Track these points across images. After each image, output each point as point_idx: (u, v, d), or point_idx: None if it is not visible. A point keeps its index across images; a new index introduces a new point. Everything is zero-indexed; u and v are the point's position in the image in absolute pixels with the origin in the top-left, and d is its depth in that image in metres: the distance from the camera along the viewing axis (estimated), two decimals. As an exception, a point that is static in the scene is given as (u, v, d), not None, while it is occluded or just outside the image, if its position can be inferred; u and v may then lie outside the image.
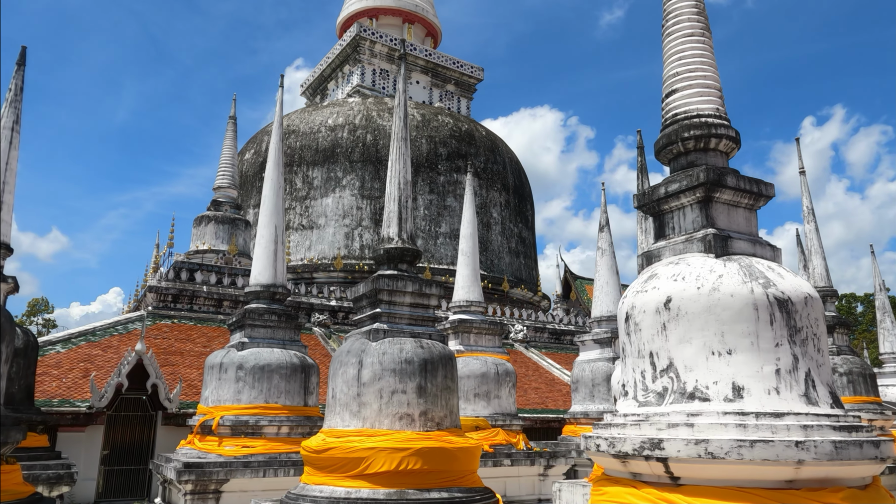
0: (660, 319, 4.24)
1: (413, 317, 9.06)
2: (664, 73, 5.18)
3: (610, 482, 4.29)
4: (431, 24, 40.25)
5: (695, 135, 4.75)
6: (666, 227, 4.85)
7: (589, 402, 15.55)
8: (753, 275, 4.15)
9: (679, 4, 5.16)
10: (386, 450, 7.92)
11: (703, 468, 3.71)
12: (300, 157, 31.47)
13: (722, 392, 3.94)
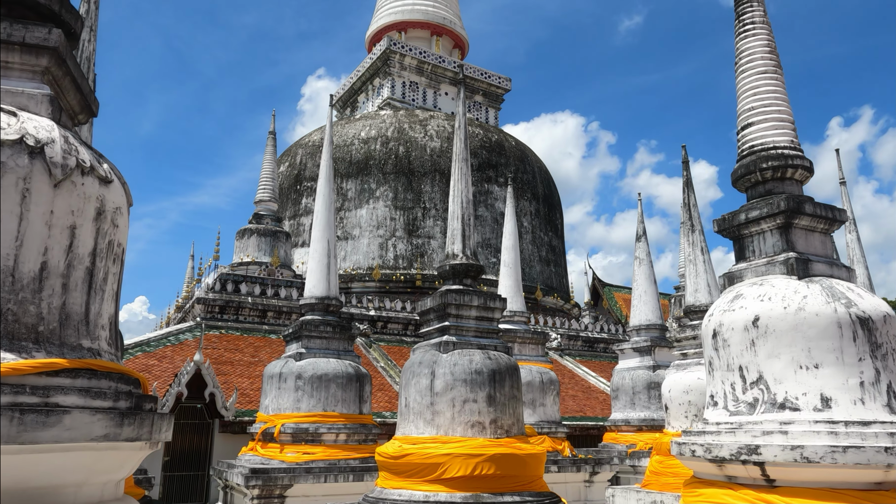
0: (748, 336, 4.68)
1: (479, 329, 9.57)
2: (739, 107, 5.63)
3: (704, 485, 4.72)
4: (459, 37, 40.89)
5: (772, 165, 5.19)
6: (746, 249, 5.30)
7: (630, 409, 15.92)
8: (835, 295, 4.58)
9: (752, 43, 5.61)
10: (461, 456, 8.41)
11: (798, 471, 4.14)
12: (334, 170, 32.13)
13: (811, 402, 4.37)
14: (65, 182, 2.55)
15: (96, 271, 2.67)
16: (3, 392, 2.11)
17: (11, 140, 2.44)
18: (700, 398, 10.81)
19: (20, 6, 2.91)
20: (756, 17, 5.66)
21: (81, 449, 2.26)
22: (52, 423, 2.12)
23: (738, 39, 5.76)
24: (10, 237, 2.39)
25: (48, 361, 2.27)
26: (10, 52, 2.76)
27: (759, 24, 5.65)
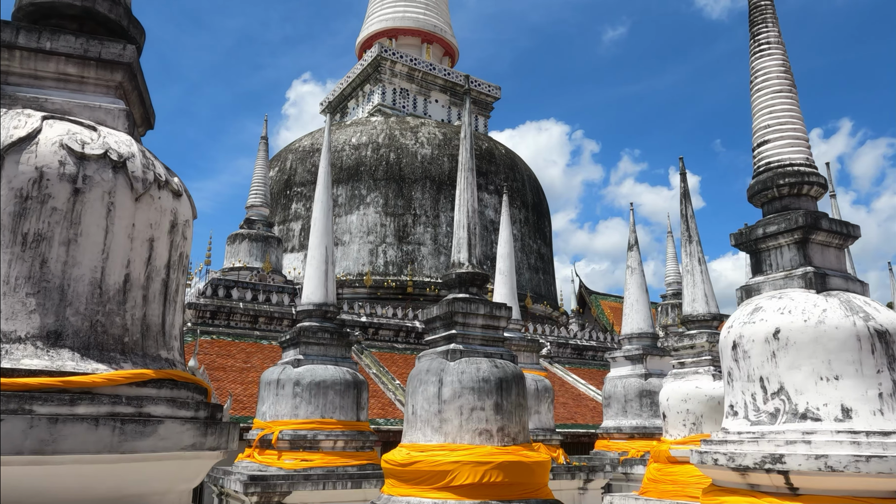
0: (769, 348, 4.83)
1: (485, 337, 9.66)
2: (755, 125, 5.79)
3: (725, 492, 4.85)
4: (449, 44, 41.10)
5: (789, 182, 5.36)
6: (763, 263, 5.45)
7: (622, 417, 16.05)
8: (853, 309, 4.74)
9: (768, 62, 5.78)
10: (470, 463, 8.49)
11: (821, 480, 4.28)
12: (324, 175, 32.14)
13: (832, 413, 4.52)
14: (144, 196, 2.62)
15: (170, 283, 2.73)
16: (102, 402, 2.17)
17: (96, 155, 2.50)
18: (698, 407, 10.96)
19: (91, 22, 2.97)
20: (771, 38, 5.84)
21: (171, 458, 2.31)
22: (149, 433, 2.18)
23: (753, 58, 5.93)
24: (96, 250, 2.44)
25: (137, 372, 2.32)
26: (86, 67, 2.82)
27: (773, 44, 5.83)
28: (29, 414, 2.00)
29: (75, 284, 2.36)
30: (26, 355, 2.18)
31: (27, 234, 2.32)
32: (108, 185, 2.50)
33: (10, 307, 2.23)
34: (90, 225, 2.43)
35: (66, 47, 2.77)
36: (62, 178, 2.40)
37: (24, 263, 2.29)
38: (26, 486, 2.03)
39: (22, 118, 2.48)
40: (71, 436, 2.01)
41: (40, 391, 2.08)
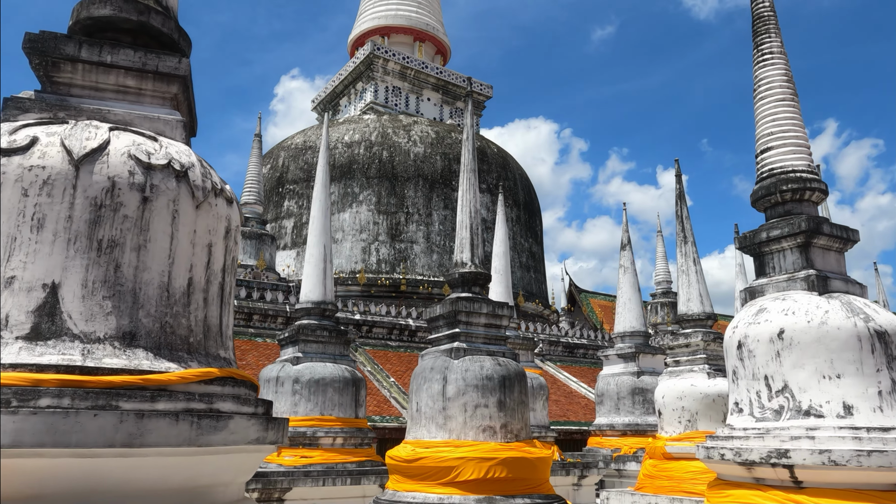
0: (774, 348, 5.04)
1: (487, 336, 9.86)
2: (758, 132, 6.00)
3: (731, 486, 5.06)
4: (441, 43, 41.22)
5: (791, 188, 5.57)
6: (766, 266, 5.67)
7: (614, 414, 16.30)
8: (854, 310, 4.96)
9: (771, 72, 5.99)
10: (474, 459, 8.67)
11: (824, 473, 4.49)
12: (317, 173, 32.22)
13: (834, 410, 4.74)
14: (204, 203, 2.76)
15: (225, 285, 2.87)
16: (178, 399, 2.32)
17: (161, 165, 2.64)
18: (693, 404, 11.20)
19: (145, 35, 3.11)
20: (774, 48, 6.05)
21: (238, 451, 2.47)
22: (221, 428, 2.33)
23: (756, 68, 6.14)
24: (163, 255, 2.59)
25: (205, 371, 2.47)
26: (144, 79, 2.95)
27: (776, 53, 6.04)
28: (116, 409, 2.15)
29: (146, 288, 2.51)
30: (106, 354, 2.32)
31: (102, 240, 2.46)
32: (173, 194, 2.65)
33: (89, 309, 2.37)
34: (157, 231, 2.58)
35: (125, 61, 2.91)
36: (132, 188, 2.54)
37: (99, 268, 2.43)
38: (115, 477, 2.17)
39: (91, 130, 2.61)
40: (155, 430, 2.16)
41: (123, 388, 2.23)
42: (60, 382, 2.15)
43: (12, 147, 2.46)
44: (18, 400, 2.05)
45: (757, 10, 6.27)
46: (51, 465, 2.06)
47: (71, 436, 2.02)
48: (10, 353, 2.21)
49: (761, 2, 6.26)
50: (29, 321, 2.29)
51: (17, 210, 2.40)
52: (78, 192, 2.46)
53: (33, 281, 2.34)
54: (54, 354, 2.24)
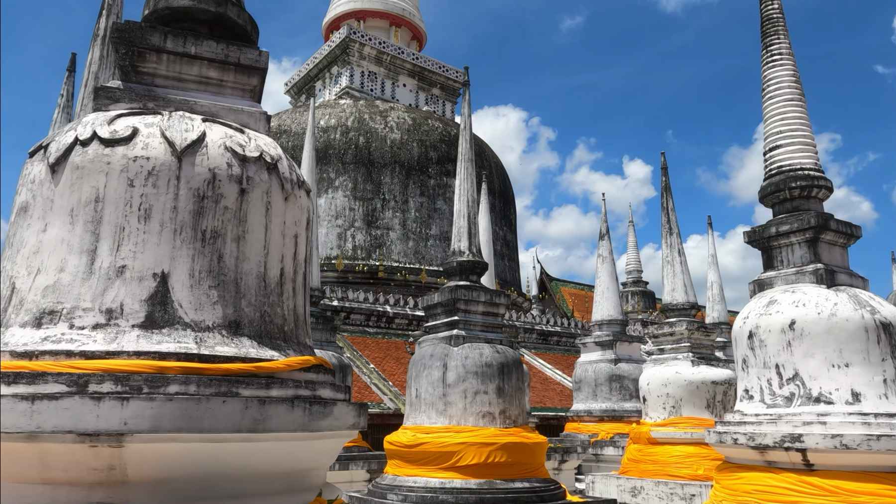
0: (785, 338, 5.29)
1: (485, 324, 10.02)
2: (766, 130, 6.23)
3: (742, 469, 5.31)
4: (417, 28, 41.02)
5: (800, 185, 5.82)
6: (774, 259, 5.91)
7: (592, 400, 16.65)
8: (861, 303, 5.23)
9: (780, 72, 6.22)
10: (475, 444, 8.85)
11: (836, 456, 4.76)
12: (292, 157, 31.76)
13: (843, 397, 5.01)
14: (291, 195, 2.83)
15: (307, 275, 2.95)
16: (288, 386, 2.40)
17: (254, 157, 2.70)
18: (678, 391, 11.55)
19: (220, 26, 3.14)
20: (783, 49, 6.27)
21: (337, 436, 2.56)
22: (327, 414, 2.42)
23: (765, 68, 6.36)
24: (259, 245, 2.65)
25: (305, 359, 2.55)
26: (226, 71, 2.99)
27: (785, 55, 6.26)
28: (237, 396, 2.22)
29: (246, 278, 2.57)
30: (217, 343, 2.38)
31: (205, 230, 2.51)
32: (266, 186, 2.71)
33: (197, 298, 2.43)
34: (254, 223, 2.64)
35: (208, 52, 2.94)
36: (230, 179, 2.60)
37: (204, 258, 2.48)
38: (235, 461, 2.25)
39: (187, 121, 2.65)
40: (275, 416, 2.24)
41: (240, 376, 2.30)
42: (183, 370, 2.21)
43: (115, 138, 2.49)
44: (150, 387, 2.12)
45: (766, 11, 6.48)
46: (181, 450, 2.13)
47: (203, 421, 2.09)
48: (129, 341, 2.26)
49: (770, 3, 6.47)
50: (143, 310, 2.34)
51: (123, 200, 2.44)
52: (181, 183, 2.50)
53: (144, 270, 2.39)
54: (171, 343, 2.30)
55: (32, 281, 2.37)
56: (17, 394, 2.00)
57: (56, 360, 2.14)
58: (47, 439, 2.00)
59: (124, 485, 2.09)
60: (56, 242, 2.40)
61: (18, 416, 1.96)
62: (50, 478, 2.06)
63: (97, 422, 1.98)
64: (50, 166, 2.49)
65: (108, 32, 8.45)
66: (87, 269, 2.36)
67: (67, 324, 2.28)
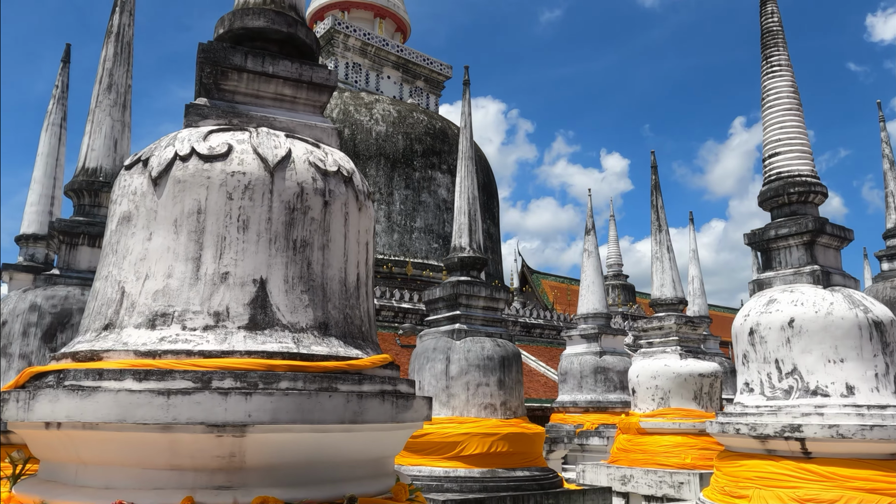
0: (784, 335, 5.66)
1: (486, 318, 10.34)
2: (765, 138, 6.59)
3: (743, 457, 5.68)
4: (401, 20, 41.04)
5: (798, 191, 6.19)
6: (773, 260, 6.29)
7: (577, 392, 17.06)
8: (855, 303, 5.62)
9: (779, 83, 6.57)
10: (478, 435, 9.18)
11: (832, 445, 5.14)
12: (277, 148, 31.86)
13: (838, 390, 5.39)
14: (363, 206, 3.08)
15: (372, 278, 3.20)
16: (374, 382, 2.66)
17: (333, 171, 2.94)
18: (667, 383, 11.97)
19: (289, 45, 3.37)
20: (782, 61, 6.63)
21: (413, 427, 2.83)
22: (409, 407, 2.69)
23: (765, 78, 6.71)
24: (340, 253, 2.90)
25: (384, 357, 2.82)
26: (299, 89, 3.22)
27: (784, 66, 6.62)
28: (336, 391, 2.48)
29: (330, 283, 2.82)
30: (311, 343, 2.63)
31: (296, 240, 2.75)
32: (344, 198, 2.95)
33: (291, 302, 2.67)
34: (335, 232, 2.88)
35: (284, 71, 3.17)
36: (316, 192, 2.84)
37: (296, 265, 2.72)
38: (333, 449, 2.51)
39: (274, 138, 2.89)
40: (370, 409, 2.49)
41: (336, 373, 2.55)
42: (289, 367, 2.45)
43: (213, 154, 2.72)
44: (264, 383, 2.36)
45: (766, 24, 6.83)
46: (292, 439, 2.37)
47: (314, 413, 2.34)
48: (238, 342, 2.50)
49: (770, 16, 6.82)
50: (246, 313, 2.58)
51: (223, 212, 2.66)
52: (274, 196, 2.74)
53: (245, 276, 2.62)
54: (274, 343, 2.54)
55: (142, 286, 2.59)
56: (151, 389, 2.24)
57: (178, 358, 2.37)
58: (179, 430, 2.23)
59: (242, 470, 2.34)
60: (162, 250, 2.63)
61: (156, 410, 2.19)
62: (177, 464, 2.29)
63: (225, 414, 2.22)
64: (152, 179, 2.70)
65: (121, 30, 8.53)
66: (194, 275, 2.59)
67: (180, 325, 2.51)
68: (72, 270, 7.15)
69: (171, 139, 2.83)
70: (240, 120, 3.02)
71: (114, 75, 7.97)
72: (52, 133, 12.14)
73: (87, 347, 2.49)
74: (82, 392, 2.21)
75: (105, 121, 7.69)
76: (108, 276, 2.70)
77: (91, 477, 2.33)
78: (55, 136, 12.17)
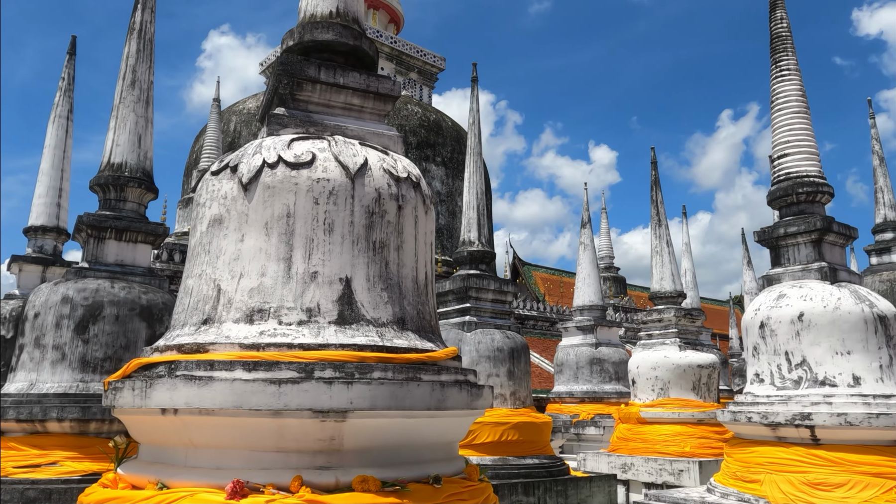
0: (794, 328, 5.97)
1: (494, 310, 10.61)
2: (775, 139, 6.88)
3: (754, 444, 5.99)
4: (395, 11, 41.06)
5: (806, 191, 6.50)
6: (781, 257, 6.60)
7: (573, 382, 17.40)
8: (861, 298, 5.94)
9: (788, 87, 6.86)
10: (490, 424, 9.46)
11: (840, 432, 5.47)
12: (272, 140, 31.89)
13: (845, 380, 5.72)
14: (429, 209, 3.31)
15: (434, 277, 3.44)
16: (450, 372, 2.91)
17: (404, 177, 3.17)
18: (666, 374, 12.31)
19: (353, 57, 3.59)
20: (791, 65, 6.91)
21: (478, 414, 3.08)
22: (480, 395, 2.94)
23: (774, 82, 7.00)
24: (411, 253, 3.14)
25: (453, 349, 3.06)
26: (366, 98, 3.45)
27: (793, 70, 6.91)
28: (420, 381, 2.72)
29: (404, 281, 3.05)
30: (393, 336, 2.87)
31: (375, 241, 2.98)
32: (414, 202, 3.19)
33: (373, 299, 2.91)
34: (407, 234, 3.12)
35: (353, 82, 3.39)
36: (391, 197, 3.07)
37: (376, 265, 2.96)
38: (418, 433, 2.76)
39: (350, 147, 3.11)
40: (451, 397, 2.74)
41: (418, 364, 2.79)
42: (378, 359, 2.69)
43: (299, 161, 2.94)
44: (359, 373, 2.60)
45: (775, 29, 7.11)
46: (384, 424, 2.62)
47: (405, 401, 2.58)
48: (331, 335, 2.73)
49: (779, 22, 7.10)
50: (335, 309, 2.81)
51: (311, 215, 2.89)
52: (355, 201, 2.96)
53: (332, 275, 2.85)
54: (361, 336, 2.78)
55: (237, 284, 2.81)
56: (262, 378, 2.47)
57: (280, 350, 2.60)
58: (287, 415, 2.47)
59: (339, 452, 2.57)
60: (254, 251, 2.85)
61: (269, 397, 2.42)
62: (283, 446, 2.53)
63: (330, 401, 2.46)
64: (242, 185, 2.92)
65: (143, 27, 8.68)
66: (286, 274, 2.81)
67: (276, 320, 2.74)
68: (100, 263, 7.32)
69: (256, 147, 3.05)
70: (315, 129, 3.23)
71: (137, 71, 8.11)
72: (59, 125, 12.20)
73: (191, 340, 2.71)
74: (199, 381, 2.44)
75: (129, 117, 7.84)
76: (201, 274, 2.91)
77: (202, 458, 2.56)
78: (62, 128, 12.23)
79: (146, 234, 7.62)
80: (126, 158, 7.73)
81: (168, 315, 7.28)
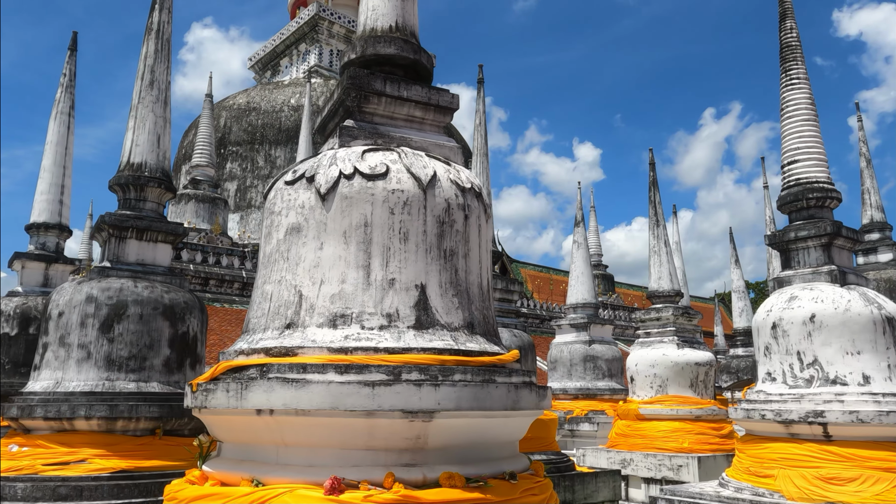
0: (806, 329, 6.21)
1: (501, 310, 10.77)
2: (785, 146, 7.12)
3: (767, 440, 6.23)
4: (385, 9, 40.99)
5: (815, 196, 6.74)
6: (792, 260, 6.84)
7: (567, 379, 17.64)
8: (869, 300, 6.19)
9: (798, 95, 7.10)
10: (499, 420, 9.59)
11: (851, 429, 5.71)
12: (262, 136, 31.84)
13: (855, 379, 5.97)
14: (489, 217, 3.47)
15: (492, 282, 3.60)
16: (518, 374, 3.07)
17: (468, 188, 3.32)
18: (665, 371, 12.57)
19: (412, 70, 3.73)
20: (801, 74, 7.15)
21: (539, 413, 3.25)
22: (545, 396, 3.11)
23: (784, 90, 7.23)
24: (476, 260, 3.29)
25: (516, 352, 3.22)
26: (427, 111, 3.59)
27: (802, 79, 7.14)
28: (494, 382, 2.88)
29: (471, 287, 3.21)
30: (465, 340, 3.03)
31: (445, 249, 3.13)
32: (478, 211, 3.34)
33: (445, 305, 3.06)
34: (472, 242, 3.27)
35: (416, 95, 3.53)
36: (458, 207, 3.22)
37: (446, 272, 3.11)
38: (493, 432, 2.91)
39: (419, 159, 3.26)
40: (524, 398, 2.90)
41: (491, 366, 2.95)
42: (456, 362, 2.85)
43: (374, 173, 3.08)
44: (442, 376, 2.75)
45: (785, 39, 7.34)
46: (465, 424, 2.77)
47: (485, 402, 2.74)
48: (410, 339, 2.88)
49: (789, 32, 7.33)
50: (413, 314, 2.96)
51: (387, 225, 3.03)
52: (427, 211, 3.11)
53: (408, 282, 3.00)
54: (438, 341, 2.93)
55: (318, 290, 2.95)
56: (356, 381, 2.61)
57: (366, 354, 2.75)
58: (379, 416, 2.61)
59: (423, 450, 2.73)
60: (334, 258, 2.99)
61: (363, 399, 2.57)
62: (372, 445, 2.67)
63: (419, 402, 2.61)
64: (320, 195, 3.06)
65: (161, 27, 8.74)
66: (365, 280, 2.96)
67: (359, 325, 2.88)
68: (122, 263, 7.39)
69: (331, 158, 3.18)
70: (383, 140, 3.38)
71: (155, 72, 8.17)
72: (60, 121, 12.17)
73: (277, 344, 2.84)
74: (297, 384, 2.58)
75: (148, 117, 7.90)
76: (281, 280, 3.05)
77: (294, 456, 2.69)
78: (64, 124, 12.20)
79: (166, 233, 7.69)
80: (146, 158, 7.79)
81: (189, 314, 7.36)
